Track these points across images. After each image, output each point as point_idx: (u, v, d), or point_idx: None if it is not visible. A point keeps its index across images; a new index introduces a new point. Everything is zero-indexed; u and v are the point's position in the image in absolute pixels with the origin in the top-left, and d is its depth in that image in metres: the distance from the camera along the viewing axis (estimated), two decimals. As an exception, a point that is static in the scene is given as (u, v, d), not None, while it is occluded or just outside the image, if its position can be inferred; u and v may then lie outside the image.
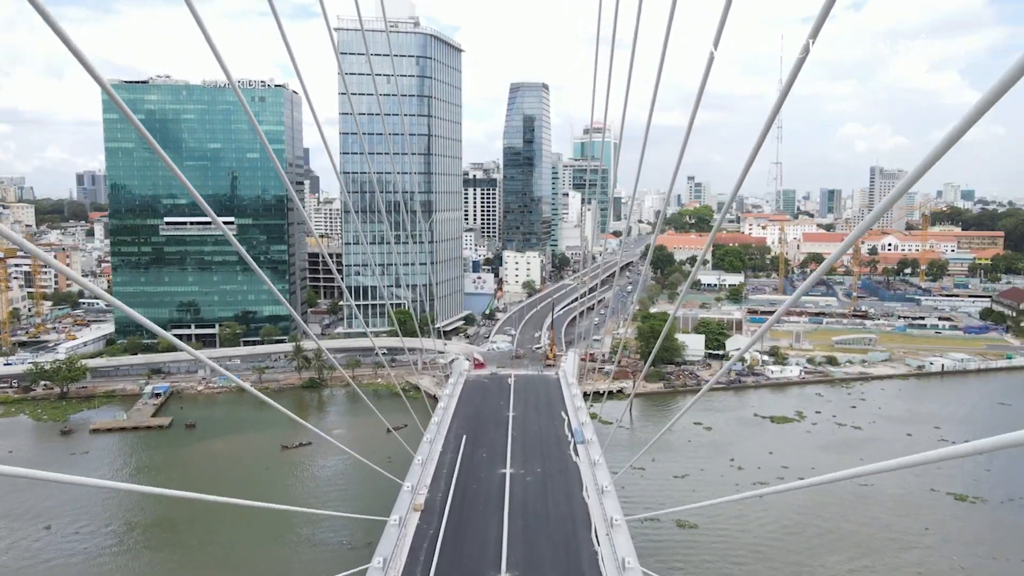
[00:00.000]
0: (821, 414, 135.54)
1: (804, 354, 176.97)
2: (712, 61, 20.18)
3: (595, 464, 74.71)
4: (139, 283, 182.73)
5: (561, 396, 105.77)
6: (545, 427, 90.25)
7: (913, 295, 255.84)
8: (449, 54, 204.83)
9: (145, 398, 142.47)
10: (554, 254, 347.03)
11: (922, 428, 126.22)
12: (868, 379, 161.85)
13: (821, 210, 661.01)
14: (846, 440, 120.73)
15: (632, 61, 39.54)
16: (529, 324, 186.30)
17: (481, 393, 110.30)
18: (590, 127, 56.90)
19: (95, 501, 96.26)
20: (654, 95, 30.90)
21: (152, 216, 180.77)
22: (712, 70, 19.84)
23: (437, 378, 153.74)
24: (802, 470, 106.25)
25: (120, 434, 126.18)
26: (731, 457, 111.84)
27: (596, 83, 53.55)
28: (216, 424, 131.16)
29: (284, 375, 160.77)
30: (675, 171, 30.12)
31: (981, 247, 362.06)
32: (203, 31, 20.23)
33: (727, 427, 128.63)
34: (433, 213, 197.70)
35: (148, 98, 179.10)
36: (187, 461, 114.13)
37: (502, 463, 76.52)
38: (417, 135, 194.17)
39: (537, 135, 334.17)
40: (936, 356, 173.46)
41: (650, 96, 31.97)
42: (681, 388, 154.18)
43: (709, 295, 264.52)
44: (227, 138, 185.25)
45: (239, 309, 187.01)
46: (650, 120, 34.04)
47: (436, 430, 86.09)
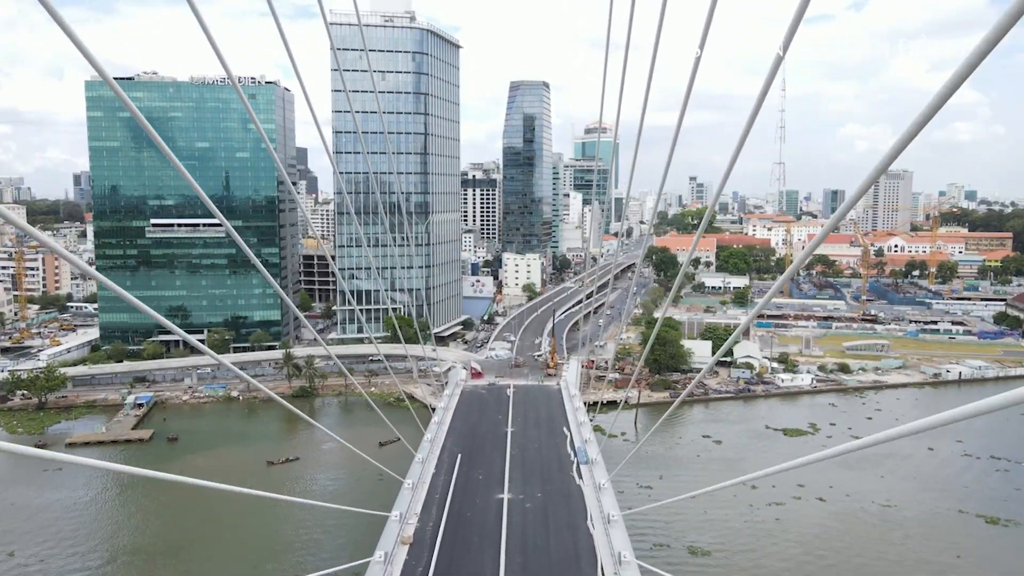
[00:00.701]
0: (836, 426, 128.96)
1: (815, 361, 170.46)
2: (699, 62, 20.19)
3: (600, 488, 68.65)
4: (124, 287, 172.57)
5: (563, 409, 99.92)
6: (546, 445, 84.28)
7: (923, 298, 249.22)
8: (447, 50, 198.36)
9: (127, 409, 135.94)
10: (555, 256, 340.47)
11: (944, 441, 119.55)
12: (882, 387, 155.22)
13: (824, 211, 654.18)
14: (865, 455, 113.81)
15: (625, 61, 38.23)
16: (529, 330, 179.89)
17: (478, 406, 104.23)
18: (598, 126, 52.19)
19: (63, 525, 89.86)
20: (646, 95, 30.91)
21: (138, 218, 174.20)
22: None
23: (433, 387, 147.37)
24: (820, 488, 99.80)
25: (98, 448, 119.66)
26: (743, 474, 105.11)
27: (605, 83, 47.50)
28: (199, 437, 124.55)
29: (274, 383, 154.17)
30: (665, 172, 29.96)
31: (989, 248, 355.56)
32: (200, 23, 19.51)
33: (738, 440, 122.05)
34: (430, 215, 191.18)
35: (134, 95, 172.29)
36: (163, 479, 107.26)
37: (499, 487, 70.54)
38: (413, 134, 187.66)
39: (537, 134, 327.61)
40: (952, 363, 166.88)
41: (655, 97, 27.42)
42: (688, 397, 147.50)
43: (714, 298, 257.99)
44: (216, 137, 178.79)
45: (229, 314, 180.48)
46: (643, 121, 33.80)
47: (429, 448, 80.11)
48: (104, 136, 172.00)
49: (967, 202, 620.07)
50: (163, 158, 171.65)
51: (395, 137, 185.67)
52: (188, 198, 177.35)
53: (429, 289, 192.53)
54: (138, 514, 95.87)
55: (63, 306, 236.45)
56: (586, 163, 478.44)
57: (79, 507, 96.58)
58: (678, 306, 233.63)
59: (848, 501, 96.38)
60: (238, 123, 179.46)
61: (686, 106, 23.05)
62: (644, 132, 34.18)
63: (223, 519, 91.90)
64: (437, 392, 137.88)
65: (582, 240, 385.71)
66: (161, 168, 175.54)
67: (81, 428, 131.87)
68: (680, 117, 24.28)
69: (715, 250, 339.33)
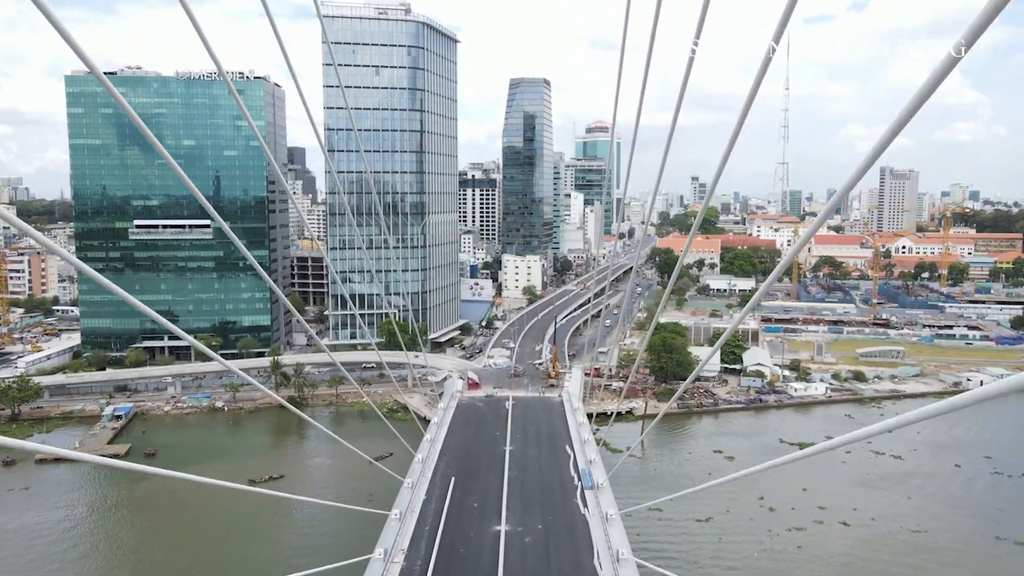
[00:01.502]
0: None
1: (827, 368, 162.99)
2: (692, 61, 19.74)
3: (608, 519, 61.73)
4: (107, 291, 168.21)
5: (565, 424, 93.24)
6: (547, 466, 77.47)
7: (935, 301, 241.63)
8: (444, 44, 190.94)
9: (104, 421, 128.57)
10: (555, 257, 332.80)
11: (971, 457, 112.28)
12: (900, 397, 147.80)
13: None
14: (888, 473, 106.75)
15: (621, 61, 36.77)
16: (529, 336, 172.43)
17: (475, 421, 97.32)
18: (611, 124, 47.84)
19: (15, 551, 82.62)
20: (641, 94, 29.87)
21: (121, 218, 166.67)
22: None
23: (428, 397, 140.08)
24: (843, 511, 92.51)
25: (70, 465, 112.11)
26: (760, 495, 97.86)
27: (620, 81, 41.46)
28: (179, 452, 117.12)
29: (261, 393, 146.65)
30: (660, 172, 29.03)
31: (999, 249, 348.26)
32: (188, 14, 18.65)
33: (751, 456, 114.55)
34: (426, 215, 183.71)
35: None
36: (140, 499, 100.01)
37: (496, 516, 63.75)
38: (409, 131, 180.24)
39: (538, 133, 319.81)
40: (972, 371, 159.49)
41: (658, 95, 27.38)
42: (697, 408, 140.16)
43: (719, 301, 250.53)
44: (203, 135, 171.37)
45: (217, 319, 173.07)
46: (638, 121, 32.27)
47: (420, 470, 73.17)
48: (86, 133, 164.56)
49: (971, 202, 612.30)
50: (148, 156, 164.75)
51: (390, 135, 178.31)
52: (173, 198, 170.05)
53: (425, 293, 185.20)
54: (106, 540, 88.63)
55: (49, 309, 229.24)
56: (587, 163, 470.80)
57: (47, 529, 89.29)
58: (683, 310, 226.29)
59: (874, 525, 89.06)
60: (226, 120, 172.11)
61: (680, 103, 22.46)
62: (647, 132, 35.08)
63: (199, 535, 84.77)
64: (432, 403, 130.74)
65: (583, 241, 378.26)
66: (146, 167, 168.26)
67: (55, 441, 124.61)
68: (675, 114, 23.29)
69: (720, 251, 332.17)
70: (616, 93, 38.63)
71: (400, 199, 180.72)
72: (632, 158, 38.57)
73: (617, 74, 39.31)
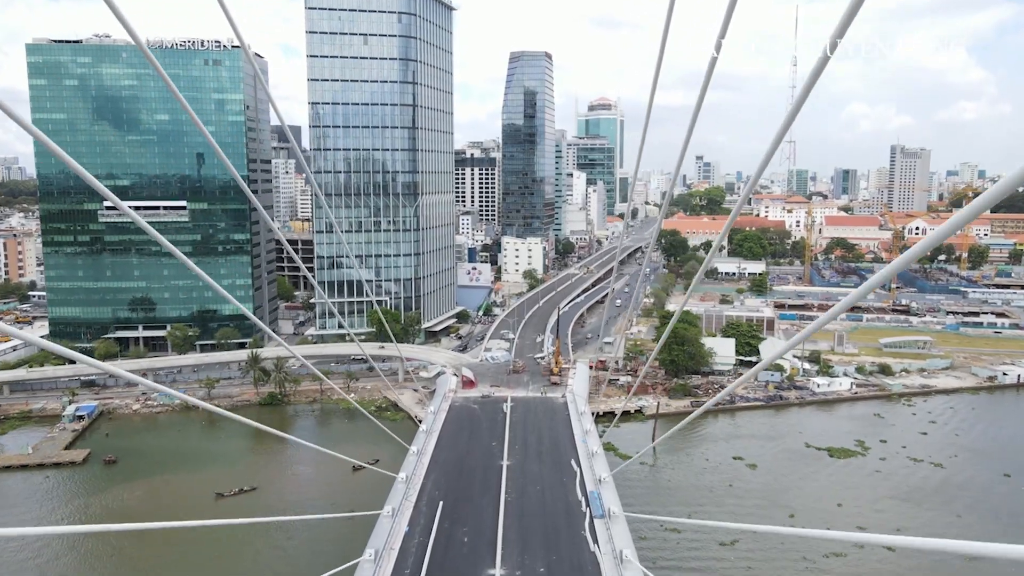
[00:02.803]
0: (887, 444, 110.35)
1: (849, 360, 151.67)
2: (715, 60, 17.68)
3: (622, 561, 51.12)
4: (76, 277, 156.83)
5: (570, 432, 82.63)
6: (550, 487, 66.99)
7: (956, 286, 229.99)
8: (438, 11, 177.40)
9: (65, 421, 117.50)
10: (557, 240, 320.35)
11: (1019, 465, 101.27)
12: (931, 393, 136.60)
13: (835, 191, 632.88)
14: (930, 484, 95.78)
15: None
16: (530, 325, 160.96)
17: (468, 428, 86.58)
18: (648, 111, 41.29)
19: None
20: (656, 74, 25.06)
21: (90, 200, 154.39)
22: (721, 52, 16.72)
23: (420, 394, 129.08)
24: (885, 533, 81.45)
25: (23, 473, 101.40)
26: (790, 512, 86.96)
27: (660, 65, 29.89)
28: (143, 458, 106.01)
29: (239, 389, 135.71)
30: (681, 156, 25.68)
31: (1016, 230, 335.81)
32: None
33: (776, 463, 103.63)
34: (419, 196, 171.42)
35: (80, 60, 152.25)
36: (96, 516, 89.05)
37: (490, 555, 53.33)
38: (400, 105, 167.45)
39: (539, 110, 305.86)
40: (1006, 363, 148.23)
41: (665, 75, 26.73)
42: (712, 407, 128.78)
43: (729, 286, 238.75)
44: (178, 109, 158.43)
45: (195, 307, 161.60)
46: (652, 100, 27.38)
47: (403, 492, 62.47)
48: (49, 107, 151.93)
49: (979, 181, 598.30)
50: (118, 132, 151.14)
51: (379, 109, 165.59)
52: (146, 177, 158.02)
53: (419, 279, 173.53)
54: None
55: (24, 295, 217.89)
56: (590, 141, 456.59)
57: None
58: (691, 295, 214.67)
59: (924, 552, 78.10)
60: (204, 93, 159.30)
61: (701, 102, 19.78)
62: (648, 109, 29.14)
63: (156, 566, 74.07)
64: (424, 400, 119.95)
65: (586, 223, 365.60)
66: (116, 144, 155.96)
67: (14, 443, 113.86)
68: (695, 114, 20.94)
69: (727, 233, 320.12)
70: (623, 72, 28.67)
71: (391, 178, 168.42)
72: (644, 138, 31.98)
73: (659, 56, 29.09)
